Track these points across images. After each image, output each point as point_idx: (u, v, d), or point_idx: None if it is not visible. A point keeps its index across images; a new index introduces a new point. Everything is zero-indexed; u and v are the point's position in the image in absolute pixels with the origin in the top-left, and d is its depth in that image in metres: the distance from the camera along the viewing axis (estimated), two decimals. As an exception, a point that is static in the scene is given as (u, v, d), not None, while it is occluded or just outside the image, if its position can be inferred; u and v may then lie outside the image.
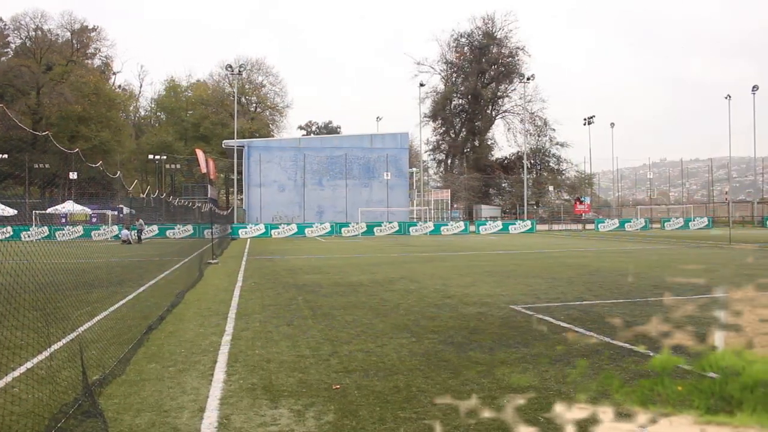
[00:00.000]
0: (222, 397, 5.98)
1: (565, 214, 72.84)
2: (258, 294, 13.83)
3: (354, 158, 60.56)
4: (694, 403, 2.80)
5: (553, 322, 9.94)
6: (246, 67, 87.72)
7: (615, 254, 25.58)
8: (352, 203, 58.49)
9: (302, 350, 7.99)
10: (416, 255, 26.13)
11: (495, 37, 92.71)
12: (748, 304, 3.89)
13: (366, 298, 12.89)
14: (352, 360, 7.42)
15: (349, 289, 14.45)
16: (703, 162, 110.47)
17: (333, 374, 6.77)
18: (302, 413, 5.45)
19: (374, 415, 5.37)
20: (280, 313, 11.05)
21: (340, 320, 10.27)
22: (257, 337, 8.87)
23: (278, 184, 59.38)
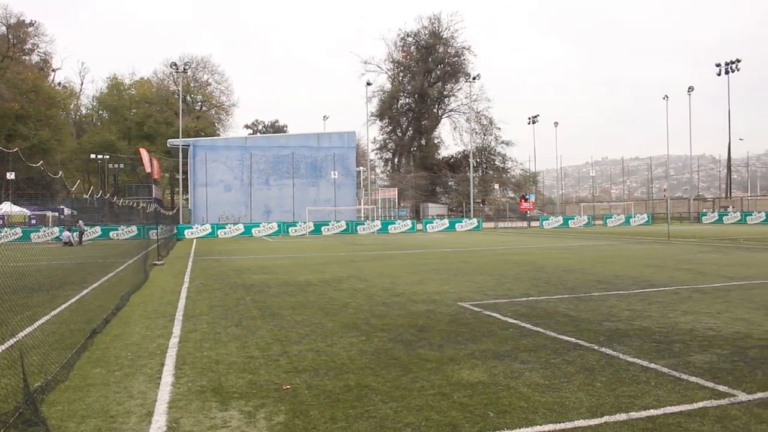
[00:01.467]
0: (170, 400, 5.90)
1: (511, 212, 73.82)
2: (205, 295, 13.67)
3: (301, 157, 60.28)
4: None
5: (500, 318, 10.09)
6: (191, 65, 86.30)
7: (559, 251, 26.07)
8: (299, 202, 58.21)
9: (251, 351, 7.93)
10: (364, 253, 26.18)
11: (441, 37, 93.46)
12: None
13: (315, 298, 12.87)
14: (302, 360, 7.41)
15: (298, 289, 14.40)
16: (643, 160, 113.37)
17: (283, 374, 6.75)
18: (253, 414, 5.42)
19: (325, 414, 5.38)
20: (229, 314, 10.95)
21: (289, 320, 10.23)
22: (205, 339, 8.77)
23: (224, 184, 58.70)
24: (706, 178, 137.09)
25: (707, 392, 5.86)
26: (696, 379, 6.29)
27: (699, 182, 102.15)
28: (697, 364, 6.88)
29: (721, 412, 5.29)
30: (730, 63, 71.59)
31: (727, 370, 6.65)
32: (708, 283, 14.25)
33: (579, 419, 5.14)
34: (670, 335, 8.48)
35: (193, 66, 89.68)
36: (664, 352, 7.46)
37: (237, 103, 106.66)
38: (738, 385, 6.05)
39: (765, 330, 8.76)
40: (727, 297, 11.99)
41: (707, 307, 10.77)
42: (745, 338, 8.24)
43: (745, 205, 71.54)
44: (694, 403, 5.54)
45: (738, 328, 8.90)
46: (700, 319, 9.63)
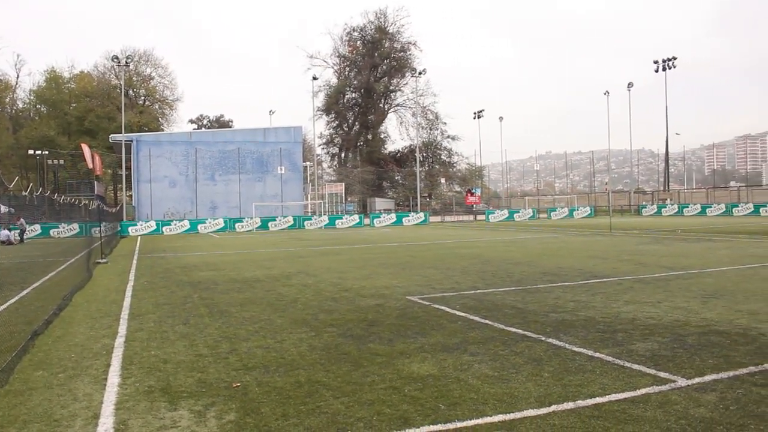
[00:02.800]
0: (117, 401, 5.78)
1: (457, 206, 74.45)
2: (151, 293, 13.42)
3: (247, 152, 59.60)
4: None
5: (449, 311, 10.19)
6: (133, 59, 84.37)
7: (505, 244, 26.44)
8: (245, 198, 57.54)
9: (200, 349, 7.84)
10: (312, 249, 26.08)
11: (387, 32, 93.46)
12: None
13: (263, 294, 12.78)
14: (252, 357, 7.35)
15: (246, 285, 14.27)
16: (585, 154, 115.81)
17: (233, 372, 6.69)
18: (203, 413, 5.36)
19: (277, 411, 5.35)
20: (176, 312, 10.78)
21: (238, 317, 10.13)
22: (152, 338, 8.62)
23: (169, 180, 57.64)
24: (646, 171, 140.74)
25: (649, 379, 6.04)
26: (639, 367, 6.47)
27: (639, 176, 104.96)
28: (639, 352, 7.08)
29: (663, 398, 5.46)
30: (667, 60, 73.57)
31: (668, 357, 6.86)
32: (648, 273, 14.66)
33: (528, 409, 5.24)
34: (613, 325, 8.70)
35: (135, 59, 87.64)
36: (608, 341, 7.66)
37: (181, 98, 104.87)
38: (678, 371, 6.26)
39: (702, 318, 9.06)
40: (666, 287, 12.36)
41: (648, 297, 11.08)
42: (684, 326, 8.51)
43: (682, 197, 73.80)
44: (637, 389, 5.71)
45: (677, 317, 9.18)
46: (641, 309, 9.91)
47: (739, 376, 6.09)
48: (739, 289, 11.77)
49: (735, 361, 6.62)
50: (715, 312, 9.52)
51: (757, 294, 11.18)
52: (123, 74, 71.00)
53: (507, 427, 4.86)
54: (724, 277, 13.60)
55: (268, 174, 60.21)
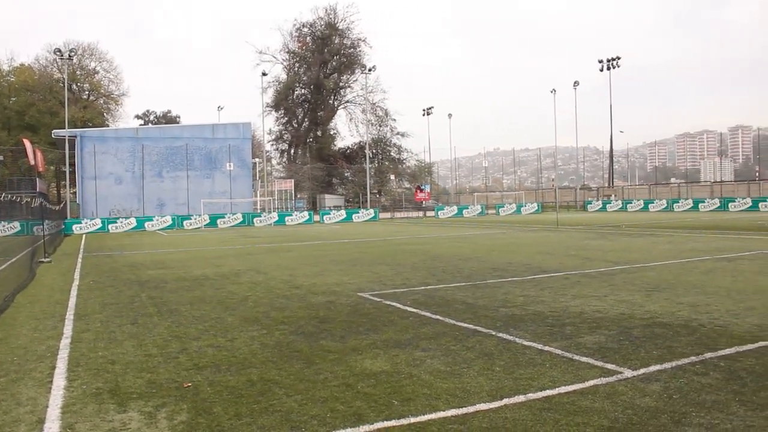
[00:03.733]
0: (64, 405, 5.64)
1: (407, 202, 74.84)
2: (98, 293, 13.13)
3: (195, 148, 58.71)
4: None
5: (400, 307, 10.24)
6: (77, 52, 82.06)
7: (455, 239, 26.68)
8: (194, 195, 56.70)
9: (149, 349, 7.71)
10: (262, 246, 25.88)
11: (337, 28, 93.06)
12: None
13: (213, 292, 12.63)
14: (203, 356, 7.26)
15: (195, 284, 14.08)
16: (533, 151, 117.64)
17: (183, 372, 6.60)
18: (153, 415, 5.27)
19: (229, 410, 5.30)
20: (123, 312, 10.57)
21: (188, 316, 10.00)
22: (99, 339, 8.44)
23: (115, 177, 56.40)
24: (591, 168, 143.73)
25: (597, 371, 6.19)
26: (587, 359, 6.62)
27: (584, 172, 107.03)
28: (587, 345, 7.24)
29: (610, 389, 5.60)
30: (611, 60, 75.12)
31: (614, 349, 7.03)
32: (594, 268, 14.98)
33: (480, 403, 5.30)
34: (562, 318, 8.88)
35: (78, 53, 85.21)
36: (557, 335, 7.81)
37: (127, 93, 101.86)
38: (624, 363, 6.42)
39: (646, 310, 9.31)
40: (611, 280, 12.66)
41: (594, 291, 11.33)
42: (629, 319, 8.73)
43: (625, 193, 75.57)
44: (585, 381, 5.84)
45: (622, 310, 9.42)
46: (588, 303, 10.13)
47: (682, 366, 6.29)
48: (680, 282, 12.13)
49: (677, 352, 6.83)
50: (658, 305, 9.79)
51: (697, 287, 11.54)
52: (66, 68, 69.10)
53: (460, 421, 4.91)
54: (666, 271, 14.00)
55: (216, 170, 59.45)
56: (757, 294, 10.62)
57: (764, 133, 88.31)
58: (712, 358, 6.57)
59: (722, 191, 64.75)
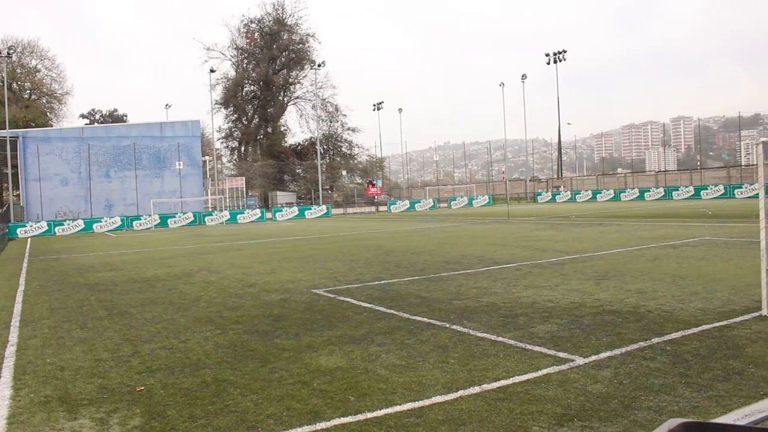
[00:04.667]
0: (10, 415, 5.48)
1: (359, 198, 74.75)
2: (44, 297, 12.80)
3: (143, 147, 57.59)
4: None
5: (354, 302, 10.25)
6: (16, 49, 79.76)
7: (408, 234, 26.79)
8: (143, 195, 55.65)
9: (100, 353, 7.55)
10: (214, 245, 25.58)
11: (285, 24, 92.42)
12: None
13: (165, 293, 12.44)
14: (155, 358, 7.15)
15: (146, 285, 13.85)
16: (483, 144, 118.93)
17: (136, 375, 6.49)
18: (105, 421, 5.17)
19: (184, 413, 5.24)
20: (72, 316, 10.33)
21: (139, 318, 9.83)
22: (47, 345, 8.23)
23: (60, 178, 54.96)
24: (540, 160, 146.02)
25: (550, 359, 6.30)
26: (539, 349, 6.73)
27: (534, 164, 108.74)
28: (539, 335, 7.36)
29: (563, 377, 5.71)
30: (557, 53, 76.26)
31: (566, 337, 7.17)
32: (545, 258, 15.22)
33: (436, 396, 5.35)
34: (514, 309, 9.00)
35: (18, 50, 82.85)
36: (510, 326, 7.92)
37: (71, 92, 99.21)
38: (576, 351, 6.55)
39: (596, 299, 9.51)
40: (562, 270, 12.88)
41: (546, 281, 11.51)
42: (580, 307, 8.91)
43: (574, 184, 76.85)
44: (538, 370, 5.94)
45: (573, 299, 9.60)
46: (540, 293, 10.29)
47: (631, 352, 6.45)
48: (628, 270, 12.42)
49: (626, 338, 6.99)
50: (607, 293, 10.01)
51: (645, 274, 11.83)
52: (5, 66, 67.07)
53: (416, 414, 4.95)
54: (615, 259, 14.31)
55: (165, 170, 58.46)
56: (700, 279, 10.94)
57: (705, 124, 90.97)
58: (659, 343, 6.75)
59: (666, 180, 66.35)
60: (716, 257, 13.88)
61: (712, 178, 62.42)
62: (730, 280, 10.68)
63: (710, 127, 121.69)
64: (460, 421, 4.75)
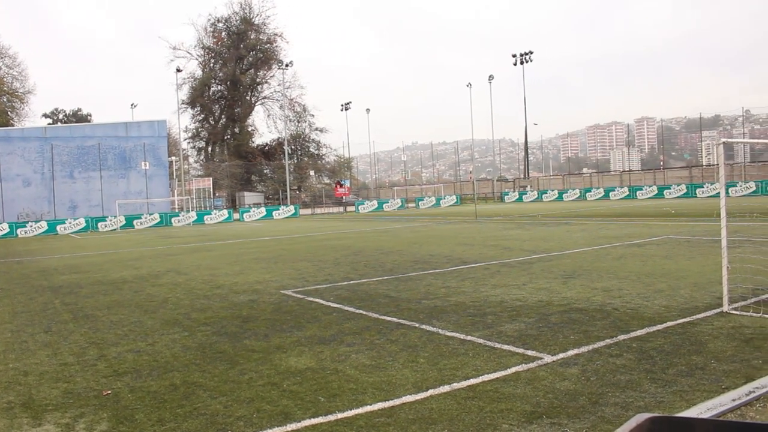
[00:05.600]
0: (-27, 419, 5.39)
1: (327, 198, 74.60)
2: (7, 301, 12.54)
3: (108, 148, 56.79)
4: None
5: (323, 303, 10.23)
6: (-26, 48, 78.06)
7: (376, 234, 26.81)
8: (108, 196, 54.87)
9: (65, 357, 7.43)
10: (181, 246, 25.32)
11: (253, 23, 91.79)
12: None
13: (131, 295, 12.28)
14: (122, 362, 7.06)
15: (112, 287, 13.66)
16: (450, 144, 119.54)
17: (102, 379, 6.40)
18: (71, 426, 5.09)
19: (152, 417, 5.18)
20: (36, 320, 10.14)
21: (105, 321, 9.69)
22: (10, 349, 8.07)
23: (23, 179, 53.91)
24: (507, 160, 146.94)
25: (518, 358, 6.36)
26: (508, 347, 6.79)
27: (501, 164, 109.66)
28: (508, 333, 7.42)
29: (531, 375, 5.77)
30: (524, 54, 76.88)
31: (534, 336, 7.24)
32: (513, 257, 15.36)
33: (406, 395, 5.37)
34: (483, 308, 9.07)
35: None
36: (479, 324, 7.97)
37: (33, 90, 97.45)
38: (544, 349, 6.63)
39: (563, 297, 9.62)
40: (530, 269, 13.01)
41: (514, 280, 11.62)
42: (547, 306, 9.01)
43: (541, 184, 77.60)
44: (507, 368, 5.99)
45: (541, 297, 9.70)
46: (508, 292, 10.38)
47: (598, 349, 6.54)
48: (595, 269, 12.58)
49: (593, 336, 7.09)
50: (574, 291, 10.13)
51: (610, 272, 12.00)
52: (-37, 66, 65.60)
53: (387, 414, 4.96)
54: (581, 258, 14.49)
55: (131, 170, 57.71)
56: (665, 277, 11.13)
57: (667, 125, 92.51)
58: (626, 340, 6.86)
59: (631, 180, 67.31)
60: (679, 255, 14.14)
61: (674, 177, 63.50)
62: (693, 278, 10.89)
63: (673, 127, 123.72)
64: (430, 420, 4.78)
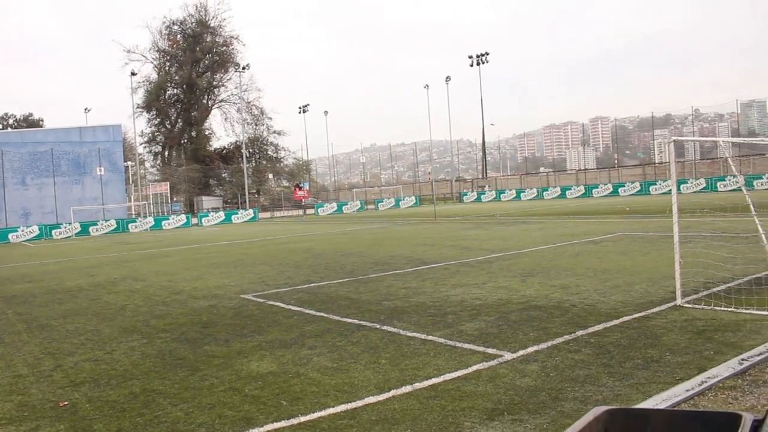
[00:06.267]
0: (-76, 434, 5.25)
1: (286, 201, 74.30)
2: (-44, 312, 12.21)
3: (62, 153, 55.58)
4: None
5: (284, 306, 10.19)
6: None
7: (336, 236, 26.77)
8: (62, 202, 53.71)
9: (19, 369, 7.27)
10: (138, 252, 24.94)
11: (209, 26, 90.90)
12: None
13: (88, 303, 12.06)
14: (80, 371, 6.94)
15: (68, 296, 13.39)
16: (408, 146, 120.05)
17: (59, 390, 6.28)
18: (27, 436, 5.00)
19: (111, 427, 5.10)
20: (-13, 331, 9.90)
21: (61, 330, 9.50)
22: (-39, 361, 7.87)
23: (-29, 186, 52.53)
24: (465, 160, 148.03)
25: (479, 356, 6.43)
26: (469, 346, 6.85)
27: (459, 165, 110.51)
28: (468, 332, 7.49)
29: (492, 372, 5.84)
30: (480, 55, 77.53)
31: (494, 334, 7.32)
32: (472, 257, 15.49)
33: (368, 396, 5.38)
34: (443, 308, 9.13)
35: None
36: (440, 324, 8.03)
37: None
38: (504, 347, 6.71)
39: (522, 295, 9.74)
40: (489, 268, 13.14)
41: (473, 279, 11.72)
42: (507, 304, 9.11)
43: (499, 184, 78.34)
44: (468, 367, 6.05)
45: (500, 296, 9.81)
46: (468, 291, 10.47)
47: (557, 345, 6.64)
48: (552, 266, 12.77)
49: (552, 332, 7.20)
50: (533, 289, 10.27)
51: (568, 269, 12.19)
52: None
53: (349, 416, 4.97)
54: (539, 256, 14.68)
55: (86, 176, 56.58)
56: (620, 273, 11.36)
57: (621, 124, 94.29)
58: (583, 336, 6.99)
59: (586, 178, 68.34)
60: (634, 251, 14.42)
61: (628, 175, 64.65)
62: (648, 273, 11.13)
63: (626, 126, 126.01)
64: (393, 421, 4.80)
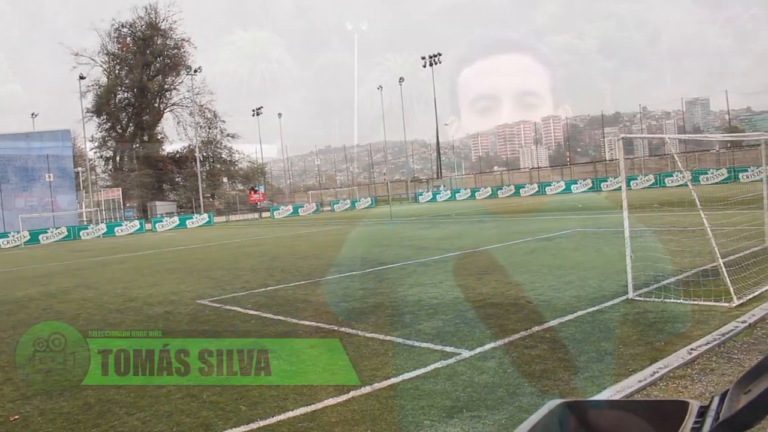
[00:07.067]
0: None
1: (242, 204, 73.70)
2: None
3: (8, 160, 54.09)
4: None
5: (241, 311, 10.11)
6: None
7: (292, 239, 26.65)
8: (9, 211, 52.28)
9: (-33, 382, 7.07)
10: (91, 260, 24.45)
11: (159, 28, 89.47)
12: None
13: (38, 313, 11.78)
14: (31, 384, 6.77)
15: (17, 306, 13.05)
16: (363, 147, 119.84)
17: (9, 404, 6.12)
18: (-22, 452, 4.87)
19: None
20: (-67, 344, 9.60)
21: (10, 342, 9.26)
22: None
23: None
24: (420, 160, 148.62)
25: (437, 354, 6.48)
26: (427, 345, 6.90)
27: (414, 165, 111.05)
28: (426, 331, 7.54)
29: (450, 371, 5.89)
30: (433, 56, 78.01)
31: (452, 332, 7.39)
32: (429, 256, 15.58)
33: (328, 399, 5.38)
34: (401, 308, 9.18)
35: None
36: (398, 324, 8.07)
37: None
38: (461, 344, 6.77)
39: (479, 293, 9.85)
40: (445, 267, 13.24)
41: (430, 279, 11.79)
42: (463, 302, 9.20)
43: (453, 183, 78.93)
44: (427, 366, 6.09)
45: (457, 294, 9.90)
46: (425, 290, 10.53)
47: (513, 342, 6.74)
48: (508, 264, 12.93)
49: (509, 329, 7.30)
50: (489, 287, 10.38)
51: (522, 267, 12.36)
52: None
53: (309, 419, 4.97)
54: (495, 254, 14.86)
55: (34, 183, 55.19)
56: (574, 269, 11.56)
57: (572, 122, 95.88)
58: (539, 331, 7.10)
59: (540, 176, 69.22)
60: (587, 247, 14.70)
61: (580, 173, 65.78)
62: (600, 268, 11.36)
63: (577, 125, 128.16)
64: (353, 422, 4.81)
